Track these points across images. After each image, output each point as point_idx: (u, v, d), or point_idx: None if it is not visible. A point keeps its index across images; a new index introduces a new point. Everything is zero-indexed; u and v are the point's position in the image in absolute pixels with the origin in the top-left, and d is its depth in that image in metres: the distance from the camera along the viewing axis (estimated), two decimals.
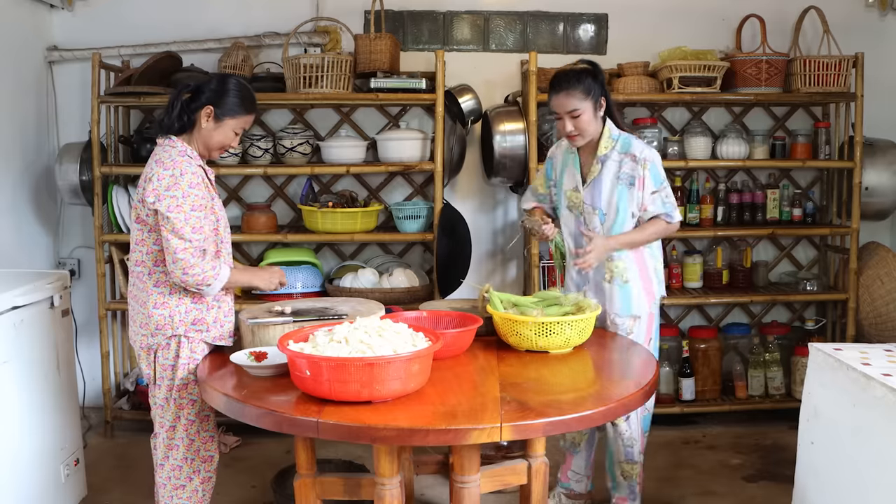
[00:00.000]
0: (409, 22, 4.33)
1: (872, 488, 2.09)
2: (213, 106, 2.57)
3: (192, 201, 2.48)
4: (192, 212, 2.47)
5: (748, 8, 4.17)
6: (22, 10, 4.02)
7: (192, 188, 2.49)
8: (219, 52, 4.15)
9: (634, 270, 2.96)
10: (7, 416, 2.79)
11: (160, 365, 2.58)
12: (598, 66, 2.92)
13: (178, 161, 2.51)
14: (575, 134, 2.88)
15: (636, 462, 3.02)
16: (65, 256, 4.35)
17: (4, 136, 3.89)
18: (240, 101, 2.61)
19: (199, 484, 2.65)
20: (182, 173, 2.49)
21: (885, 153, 4.13)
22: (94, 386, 4.20)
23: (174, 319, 2.55)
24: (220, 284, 2.53)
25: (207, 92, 2.58)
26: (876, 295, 4.00)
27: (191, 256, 2.45)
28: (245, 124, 2.66)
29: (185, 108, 2.59)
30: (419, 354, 2.12)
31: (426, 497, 3.38)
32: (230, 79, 2.64)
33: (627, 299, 2.96)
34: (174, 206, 2.45)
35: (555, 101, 2.87)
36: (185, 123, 2.59)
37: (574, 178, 2.99)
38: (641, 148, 2.90)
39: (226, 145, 2.65)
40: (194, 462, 2.63)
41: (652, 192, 2.89)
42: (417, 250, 4.41)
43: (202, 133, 2.60)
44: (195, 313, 2.57)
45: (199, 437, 2.64)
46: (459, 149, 4.15)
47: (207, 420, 2.65)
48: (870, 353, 2.34)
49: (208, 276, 2.48)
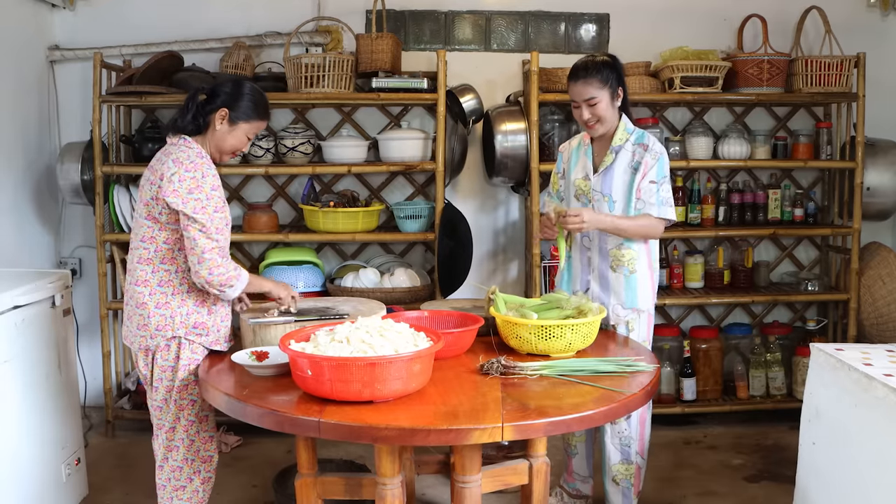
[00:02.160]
0: (410, 21, 4.33)
1: (874, 488, 2.08)
2: (228, 109, 2.57)
3: (214, 203, 2.49)
4: (215, 213, 2.49)
5: (750, 8, 4.16)
6: (24, 10, 4.02)
7: (214, 190, 2.51)
8: (220, 51, 4.16)
9: (643, 262, 2.95)
10: (8, 415, 2.79)
11: (158, 367, 2.58)
12: (617, 58, 2.93)
13: (198, 163, 2.51)
14: (593, 122, 2.89)
15: (632, 462, 3.01)
16: (66, 256, 4.36)
17: (6, 136, 3.90)
18: (254, 105, 2.62)
19: (200, 484, 2.65)
20: (204, 175, 2.50)
21: (886, 153, 4.13)
22: (96, 385, 4.21)
23: (175, 321, 2.54)
24: (242, 286, 2.55)
25: (223, 95, 2.59)
26: (877, 295, 4.00)
27: (217, 256, 2.47)
28: (257, 130, 2.67)
29: (200, 109, 2.59)
30: (420, 354, 2.13)
31: (427, 497, 3.38)
32: (245, 83, 2.65)
33: (633, 291, 2.94)
34: (199, 208, 2.46)
35: (573, 90, 2.88)
36: (199, 125, 2.59)
37: (585, 168, 2.99)
38: (654, 141, 2.93)
39: (238, 149, 2.65)
40: (194, 463, 2.63)
41: (650, 182, 2.87)
42: (419, 250, 4.41)
43: (216, 135, 2.60)
44: (196, 316, 2.57)
45: (199, 438, 2.64)
46: (461, 149, 4.15)
47: (207, 420, 2.66)
48: (871, 353, 2.34)
49: (231, 276, 2.50)
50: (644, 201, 2.88)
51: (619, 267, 2.94)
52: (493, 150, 4.01)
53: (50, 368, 3.04)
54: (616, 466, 3.02)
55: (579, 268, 3.05)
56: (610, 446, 3.01)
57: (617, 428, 2.99)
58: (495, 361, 2.38)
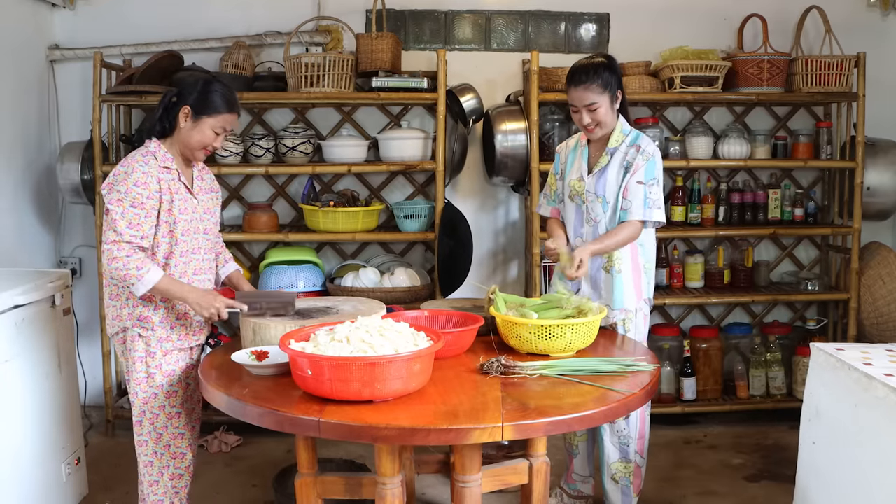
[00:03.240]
0: (410, 21, 4.33)
1: (874, 489, 2.08)
2: (190, 106, 2.61)
3: (132, 198, 2.51)
4: (131, 208, 2.51)
5: (750, 7, 4.16)
6: (24, 9, 4.02)
7: (137, 186, 2.52)
8: (220, 51, 4.16)
9: (627, 261, 2.95)
10: (8, 414, 2.79)
11: (123, 357, 2.68)
12: (614, 59, 2.93)
13: (135, 158, 2.58)
14: (593, 126, 2.89)
15: (631, 461, 3.01)
16: (66, 255, 4.36)
17: (6, 135, 3.90)
18: (218, 100, 2.62)
19: (169, 480, 2.67)
20: (133, 170, 2.54)
21: (886, 153, 4.13)
22: (96, 385, 4.21)
23: (123, 313, 2.63)
24: (145, 287, 2.50)
25: (187, 94, 2.63)
26: (877, 295, 4.00)
27: (116, 250, 2.48)
28: (225, 123, 2.66)
29: (167, 111, 2.64)
30: (420, 354, 2.12)
31: (427, 496, 3.38)
32: (213, 81, 2.68)
33: (620, 291, 2.95)
34: (115, 200, 2.52)
35: (573, 95, 2.88)
36: (166, 127, 2.65)
37: (580, 169, 2.99)
38: (648, 143, 2.92)
39: (206, 145, 2.66)
40: (163, 458, 2.66)
41: (637, 182, 2.86)
42: (419, 250, 4.41)
43: (181, 133, 2.64)
44: (141, 310, 2.61)
45: (168, 434, 2.66)
46: (461, 148, 4.15)
47: (178, 417, 2.68)
48: (871, 353, 2.34)
49: (131, 274, 2.48)
50: (628, 201, 2.88)
51: (609, 268, 2.95)
52: (493, 150, 4.01)
53: (50, 368, 3.04)
54: (615, 465, 3.02)
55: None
56: (609, 444, 3.01)
57: (616, 427, 2.99)
58: (495, 361, 2.38)
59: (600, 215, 2.93)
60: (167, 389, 2.65)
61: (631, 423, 2.98)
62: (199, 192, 2.73)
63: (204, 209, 2.73)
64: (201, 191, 2.75)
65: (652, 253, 3.04)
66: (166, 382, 2.65)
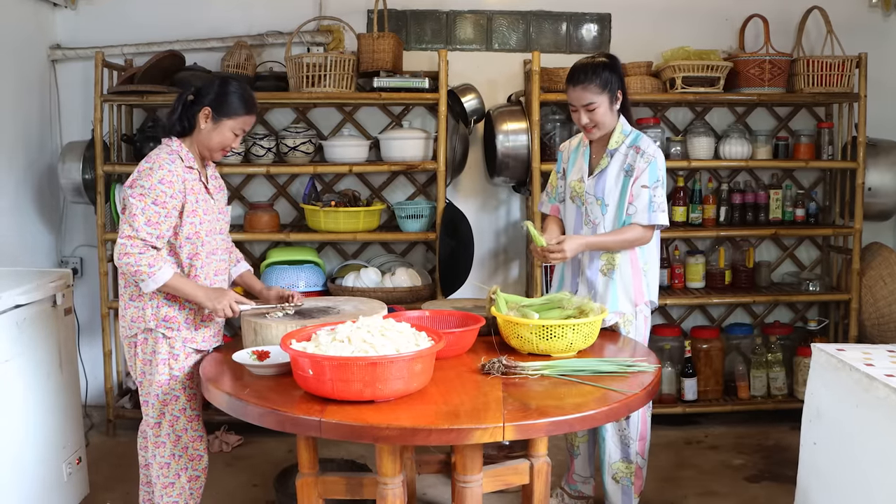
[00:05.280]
0: (412, 21, 4.33)
1: (875, 489, 2.08)
2: (210, 107, 2.60)
3: (155, 195, 2.50)
4: (152, 205, 2.50)
5: (751, 8, 4.16)
6: (25, 9, 4.02)
7: (162, 183, 2.51)
8: (222, 51, 4.16)
9: (626, 264, 2.94)
10: (9, 414, 2.79)
11: (140, 360, 2.63)
12: (617, 59, 2.91)
13: (160, 157, 2.56)
14: (591, 126, 2.88)
15: (632, 462, 3.01)
16: (67, 255, 4.36)
17: (8, 135, 3.90)
18: (238, 101, 2.62)
19: (187, 482, 2.66)
20: (159, 167, 2.53)
21: (888, 154, 4.12)
22: (97, 384, 4.21)
23: (146, 313, 2.59)
24: (155, 284, 2.49)
25: (207, 94, 2.61)
26: (879, 295, 4.00)
27: (130, 245, 2.47)
28: (244, 125, 2.67)
29: (186, 110, 2.62)
30: (422, 354, 2.13)
31: (428, 497, 3.38)
32: (231, 81, 2.66)
33: (615, 294, 2.94)
34: (138, 195, 2.50)
35: (571, 94, 2.87)
36: (185, 126, 2.63)
37: (581, 170, 2.99)
38: (648, 144, 2.90)
39: (225, 146, 2.67)
40: (181, 459, 2.65)
41: (642, 186, 2.85)
42: (420, 250, 4.41)
43: (201, 134, 2.63)
44: (166, 310, 2.59)
45: (187, 435, 2.65)
46: (462, 148, 4.15)
47: (197, 420, 2.67)
48: (873, 353, 2.34)
49: (142, 270, 2.47)
50: (635, 206, 2.87)
51: (608, 271, 2.95)
52: (495, 150, 4.01)
53: (51, 368, 3.04)
54: (616, 465, 3.02)
55: (569, 272, 3.06)
56: (610, 444, 3.01)
57: (617, 426, 2.99)
58: (496, 361, 2.38)
59: (599, 218, 2.93)
60: (189, 392, 2.64)
61: (632, 424, 2.98)
62: (213, 191, 2.73)
63: (219, 209, 2.73)
64: (215, 190, 2.75)
65: (652, 255, 3.02)
66: (189, 384, 2.64)
